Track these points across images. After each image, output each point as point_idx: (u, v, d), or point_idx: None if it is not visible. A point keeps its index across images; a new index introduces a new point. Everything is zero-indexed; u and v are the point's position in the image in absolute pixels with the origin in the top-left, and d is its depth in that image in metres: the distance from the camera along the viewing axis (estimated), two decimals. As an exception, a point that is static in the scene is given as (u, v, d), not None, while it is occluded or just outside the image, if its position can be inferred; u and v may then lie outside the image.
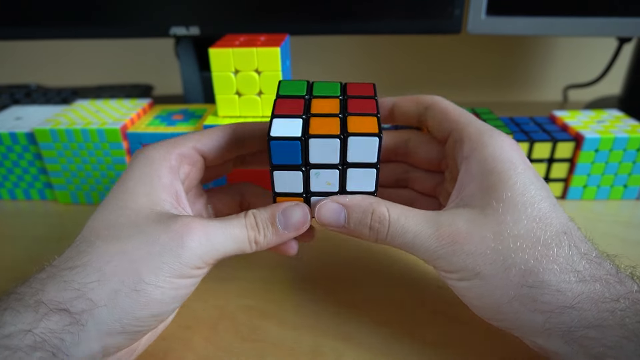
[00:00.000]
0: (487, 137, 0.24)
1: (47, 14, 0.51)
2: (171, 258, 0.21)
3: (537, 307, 0.20)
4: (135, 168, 0.24)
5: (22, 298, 0.19)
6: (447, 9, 0.48)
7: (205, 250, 0.22)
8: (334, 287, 0.30)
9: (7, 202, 0.43)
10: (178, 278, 0.21)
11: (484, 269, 0.21)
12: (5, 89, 0.62)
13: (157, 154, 0.24)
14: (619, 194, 0.40)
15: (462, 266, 0.21)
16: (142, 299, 0.20)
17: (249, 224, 0.23)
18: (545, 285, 0.20)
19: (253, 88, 0.35)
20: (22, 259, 0.34)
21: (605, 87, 0.65)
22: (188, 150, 0.25)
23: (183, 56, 0.57)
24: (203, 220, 0.22)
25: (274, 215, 0.24)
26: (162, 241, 0.21)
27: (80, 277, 0.20)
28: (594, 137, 0.37)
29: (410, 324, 0.27)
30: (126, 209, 0.22)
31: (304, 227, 0.24)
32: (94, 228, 0.22)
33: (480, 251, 0.21)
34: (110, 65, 0.79)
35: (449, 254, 0.22)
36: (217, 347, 0.26)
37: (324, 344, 0.26)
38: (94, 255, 0.21)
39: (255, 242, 0.24)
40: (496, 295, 0.21)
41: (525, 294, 0.20)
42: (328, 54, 0.75)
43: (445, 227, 0.22)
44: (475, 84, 0.76)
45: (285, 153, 0.22)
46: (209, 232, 0.22)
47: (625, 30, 0.48)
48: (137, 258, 0.21)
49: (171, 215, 0.22)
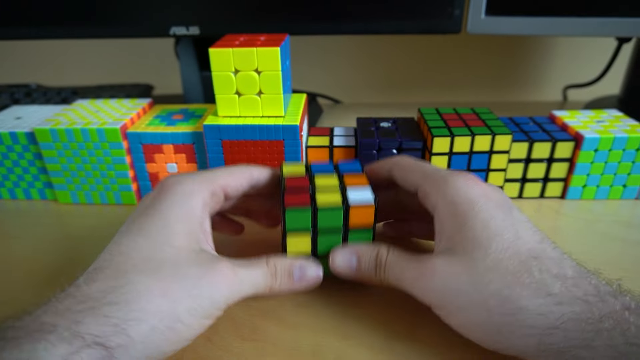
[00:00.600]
0: (444, 184, 0.26)
1: (47, 14, 0.51)
2: (206, 302, 0.23)
3: (525, 332, 0.21)
4: (175, 200, 0.25)
5: (56, 330, 0.19)
6: (447, 9, 0.48)
7: (233, 295, 0.24)
8: (334, 287, 0.30)
9: (7, 202, 0.43)
10: (206, 319, 0.23)
11: (464, 303, 0.22)
12: (5, 88, 0.62)
13: (195, 188, 0.26)
14: (618, 193, 0.40)
15: (445, 301, 0.23)
16: (173, 337, 0.22)
17: (269, 272, 0.26)
18: (524, 311, 0.21)
19: (253, 88, 0.35)
20: (23, 259, 0.34)
21: (604, 87, 0.65)
22: (218, 189, 0.27)
23: (183, 56, 0.57)
24: (234, 267, 0.24)
25: (292, 267, 0.26)
26: (201, 285, 0.23)
27: (122, 314, 0.20)
28: (594, 137, 0.37)
29: (410, 324, 0.27)
30: (167, 246, 0.23)
31: (315, 283, 0.27)
32: (132, 258, 0.23)
33: (456, 286, 0.23)
34: (110, 65, 0.79)
35: (429, 290, 0.24)
36: (217, 347, 0.26)
37: (324, 344, 0.26)
38: (136, 292, 0.21)
39: (269, 289, 0.26)
40: (485, 326, 0.22)
41: (510, 321, 0.21)
42: (328, 54, 0.75)
43: (425, 262, 0.24)
44: (475, 84, 0.76)
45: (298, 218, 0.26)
46: (239, 280, 0.24)
47: (625, 30, 0.48)
48: (177, 299, 0.22)
49: (207, 257, 0.24)
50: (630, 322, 0.19)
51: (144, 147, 0.38)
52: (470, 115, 0.40)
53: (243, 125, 0.35)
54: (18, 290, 0.31)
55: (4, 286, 0.31)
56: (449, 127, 0.37)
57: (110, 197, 0.41)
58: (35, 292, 0.22)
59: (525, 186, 0.40)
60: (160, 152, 0.38)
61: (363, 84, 0.77)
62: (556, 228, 0.36)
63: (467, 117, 0.39)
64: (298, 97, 0.41)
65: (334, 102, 0.70)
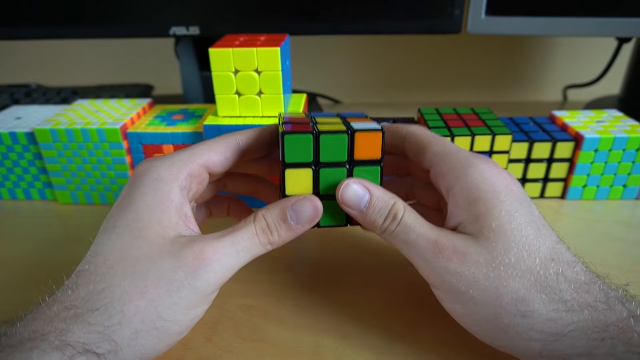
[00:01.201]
0: (468, 166, 0.24)
1: (47, 14, 0.51)
2: (188, 292, 0.21)
3: (531, 336, 0.20)
4: (145, 190, 0.23)
5: (47, 338, 0.19)
6: (447, 9, 0.48)
7: (220, 275, 0.22)
8: (334, 287, 0.30)
9: (7, 202, 0.43)
10: (194, 308, 0.22)
11: (477, 294, 0.21)
12: (5, 88, 0.62)
13: (168, 174, 0.24)
14: (618, 193, 0.40)
15: (456, 288, 0.22)
16: (161, 336, 0.21)
17: (259, 228, 0.23)
18: (536, 314, 0.20)
19: (253, 88, 0.35)
20: (23, 259, 0.34)
21: (604, 87, 0.65)
22: (197, 169, 0.25)
23: (183, 56, 0.57)
24: (214, 242, 0.22)
25: (284, 211, 0.24)
26: (178, 278, 0.21)
27: (103, 319, 0.20)
28: (594, 137, 0.37)
29: (410, 323, 0.27)
30: (139, 239, 0.22)
31: (316, 219, 0.24)
32: (108, 259, 0.22)
33: (473, 277, 0.21)
34: (110, 65, 0.79)
35: (444, 270, 0.22)
36: (217, 347, 0.26)
37: (324, 344, 0.26)
38: (115, 295, 0.21)
39: (269, 244, 0.24)
40: (491, 323, 0.21)
41: (519, 322, 0.21)
42: (328, 54, 0.75)
43: (445, 238, 0.22)
44: (475, 84, 0.76)
45: (298, 149, 0.24)
46: (221, 257, 0.22)
47: (625, 30, 0.48)
48: (155, 297, 0.21)
49: (182, 242, 0.22)
50: (635, 330, 0.19)
51: (144, 147, 0.38)
52: (470, 115, 0.40)
53: (243, 126, 0.35)
54: (18, 291, 0.31)
55: (3, 286, 0.31)
56: (449, 127, 0.37)
57: (110, 197, 0.41)
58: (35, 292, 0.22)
59: (525, 186, 0.40)
60: (160, 152, 0.38)
61: (363, 84, 0.77)
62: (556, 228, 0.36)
63: (467, 117, 0.39)
64: (298, 97, 0.41)
65: (334, 102, 0.70)
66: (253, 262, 0.33)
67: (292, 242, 0.35)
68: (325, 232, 0.36)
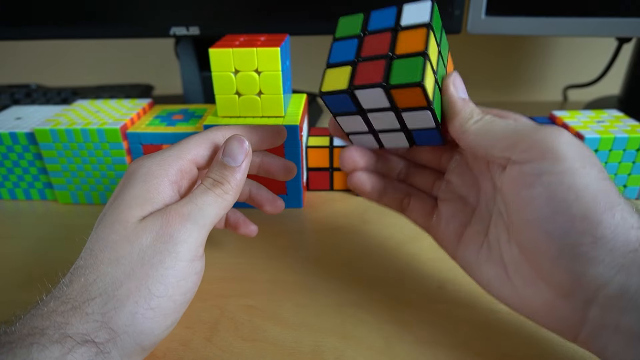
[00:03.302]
0: None
1: (48, 14, 0.51)
2: (171, 261, 0.22)
3: (634, 224, 0.19)
4: (134, 184, 0.24)
5: (46, 333, 0.19)
6: (447, 9, 0.48)
7: (195, 236, 0.23)
8: (334, 287, 0.30)
9: (7, 202, 0.43)
10: (182, 280, 0.22)
11: (590, 169, 0.20)
12: (5, 89, 0.62)
13: (158, 168, 0.24)
14: (618, 194, 0.40)
15: (573, 153, 0.20)
16: (157, 317, 0.21)
17: (210, 184, 0.24)
18: (635, 205, 0.20)
19: (253, 88, 0.35)
20: (23, 259, 0.34)
21: (605, 87, 0.65)
22: (187, 164, 0.25)
23: (183, 56, 0.57)
24: (178, 208, 0.23)
25: (219, 160, 0.25)
26: (158, 249, 0.22)
27: (99, 307, 0.20)
28: (594, 137, 0.37)
29: (411, 323, 0.27)
30: (117, 224, 0.22)
31: (247, 150, 0.25)
32: (93, 250, 0.22)
33: (586, 154, 0.20)
34: (110, 65, 0.79)
35: (560, 135, 0.21)
36: (217, 347, 0.26)
37: (324, 344, 0.26)
38: (106, 283, 0.21)
39: (226, 193, 0.24)
40: (599, 199, 0.19)
41: (624, 205, 0.19)
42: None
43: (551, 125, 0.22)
44: (475, 84, 0.76)
45: (339, 104, 0.24)
46: (189, 216, 0.23)
47: (625, 30, 0.48)
48: (143, 275, 0.21)
49: (155, 215, 0.23)
50: None
51: (144, 147, 0.38)
52: (470, 115, 0.39)
53: (243, 126, 0.35)
54: (18, 290, 0.31)
55: (3, 286, 0.31)
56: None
57: (110, 197, 0.41)
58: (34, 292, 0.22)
59: (525, 186, 0.40)
60: (160, 152, 0.38)
61: (363, 84, 0.77)
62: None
63: (467, 117, 0.39)
64: (298, 97, 0.41)
65: (334, 102, 0.70)
66: (253, 262, 0.33)
67: (292, 242, 0.35)
68: (325, 232, 0.36)
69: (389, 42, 0.24)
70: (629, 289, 0.18)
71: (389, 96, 0.23)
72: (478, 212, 0.26)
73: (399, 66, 0.23)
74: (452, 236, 0.26)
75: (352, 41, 0.25)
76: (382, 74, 0.23)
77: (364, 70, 0.23)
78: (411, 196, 0.29)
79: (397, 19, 0.25)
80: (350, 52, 0.25)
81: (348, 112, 0.25)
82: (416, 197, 0.29)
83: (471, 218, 0.26)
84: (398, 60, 0.23)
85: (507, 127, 0.22)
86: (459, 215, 0.26)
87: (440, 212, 0.27)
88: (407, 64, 0.22)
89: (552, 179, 0.20)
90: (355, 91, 0.23)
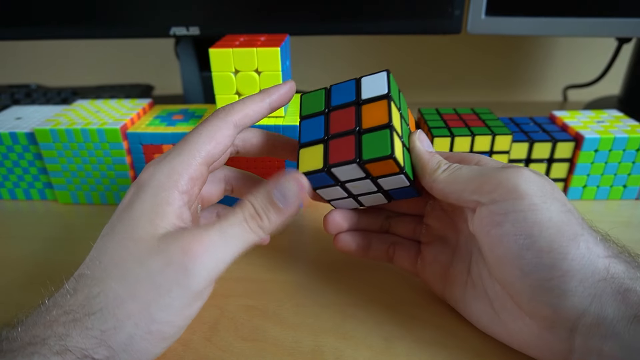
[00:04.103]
0: None
1: (47, 14, 0.51)
2: (180, 292, 0.21)
3: (600, 253, 0.20)
4: (145, 197, 0.23)
5: (47, 343, 0.19)
6: (447, 9, 0.48)
7: (211, 269, 0.21)
8: (334, 287, 0.30)
9: (7, 202, 0.43)
10: (187, 307, 0.22)
11: (551, 204, 0.21)
12: (5, 89, 0.62)
13: (167, 180, 0.23)
14: (618, 194, 0.40)
15: (532, 190, 0.21)
16: (155, 340, 0.21)
17: (248, 215, 0.23)
18: (601, 232, 0.22)
19: (253, 88, 0.35)
20: (23, 259, 0.34)
21: (604, 87, 0.65)
22: (198, 169, 0.24)
23: (183, 56, 0.57)
24: (200, 235, 0.22)
25: (270, 194, 0.23)
26: (167, 278, 0.21)
27: (99, 324, 0.20)
28: (594, 137, 0.37)
29: (411, 323, 0.27)
30: (129, 240, 0.22)
31: (302, 195, 0.24)
32: (101, 262, 0.22)
33: (546, 189, 0.22)
34: (110, 65, 0.79)
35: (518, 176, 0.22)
36: (217, 347, 0.26)
37: (324, 344, 0.26)
38: (108, 299, 0.20)
39: (260, 229, 0.23)
40: (563, 232, 0.21)
41: (588, 235, 0.21)
42: (328, 54, 0.75)
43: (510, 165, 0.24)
44: (475, 84, 0.76)
45: (319, 180, 0.25)
46: (210, 249, 0.21)
47: (625, 30, 0.48)
48: (147, 300, 0.20)
49: (170, 239, 0.21)
50: None
51: (144, 147, 0.38)
52: (470, 115, 0.40)
53: (243, 126, 0.35)
54: (18, 291, 0.31)
55: (3, 286, 0.31)
56: (449, 128, 0.37)
57: (110, 197, 0.41)
58: (35, 293, 0.22)
59: (525, 186, 0.40)
60: (161, 153, 0.38)
61: (363, 84, 0.77)
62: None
63: (467, 118, 0.39)
64: (298, 98, 0.41)
65: (334, 102, 0.70)
66: (253, 262, 0.33)
67: (292, 242, 0.35)
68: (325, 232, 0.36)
69: (354, 116, 0.25)
70: (605, 318, 0.19)
71: (364, 169, 0.24)
72: (458, 252, 0.27)
73: (368, 140, 0.24)
74: (438, 277, 0.28)
75: (318, 118, 0.27)
76: (354, 150, 0.24)
77: (336, 147, 0.25)
78: (396, 245, 0.29)
79: (357, 92, 0.27)
80: (319, 129, 0.26)
81: (327, 185, 0.26)
82: (400, 245, 0.29)
83: (452, 258, 0.27)
84: (366, 134, 0.24)
85: (472, 172, 0.24)
86: (441, 257, 0.28)
87: (423, 255, 0.28)
88: (375, 137, 0.24)
89: (517, 217, 0.21)
90: (332, 169, 0.24)
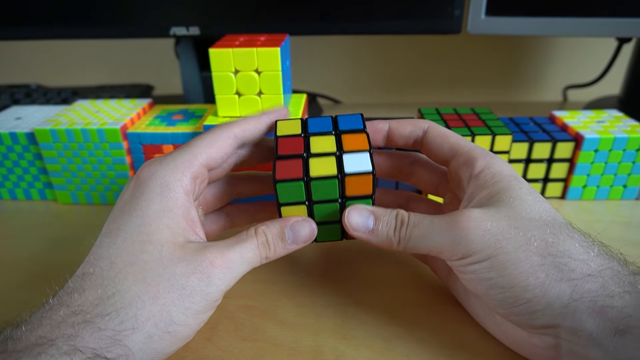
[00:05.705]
0: (491, 157, 0.26)
1: (47, 14, 0.51)
2: (200, 298, 0.22)
3: (563, 276, 0.21)
4: (151, 197, 0.23)
5: (55, 344, 0.19)
6: (447, 9, 0.48)
7: (227, 282, 0.23)
8: (334, 287, 0.30)
9: (7, 202, 0.43)
10: (203, 313, 0.23)
11: (505, 244, 0.22)
12: (5, 89, 0.62)
13: (172, 179, 0.24)
14: (618, 194, 0.40)
15: (481, 244, 0.22)
16: (172, 339, 0.22)
17: (260, 243, 0.25)
18: (568, 254, 0.21)
19: (253, 88, 0.35)
20: (23, 259, 0.34)
21: (605, 87, 0.65)
22: (199, 169, 0.25)
23: (183, 56, 0.57)
24: (223, 251, 0.23)
25: (283, 230, 0.25)
26: (191, 283, 0.22)
27: (114, 324, 0.20)
28: (594, 137, 0.37)
29: (410, 323, 0.27)
30: (149, 244, 0.22)
31: (310, 240, 0.26)
32: (115, 263, 0.22)
33: (498, 229, 0.22)
34: (110, 65, 0.79)
35: (466, 234, 0.23)
36: (217, 347, 0.26)
37: (324, 344, 0.26)
38: (126, 300, 0.21)
39: (266, 258, 0.25)
40: (520, 269, 0.21)
41: (550, 263, 0.21)
42: (328, 54, 0.75)
43: (459, 216, 0.23)
44: (475, 84, 0.76)
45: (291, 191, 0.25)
46: (230, 265, 0.23)
47: (625, 30, 0.48)
48: (168, 302, 0.21)
49: (194, 249, 0.23)
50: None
51: (144, 147, 0.38)
52: (470, 115, 0.40)
53: (243, 126, 0.35)
54: (18, 291, 0.31)
55: (3, 286, 0.31)
56: (449, 128, 0.37)
57: (110, 197, 0.41)
58: (35, 292, 0.22)
59: (525, 186, 0.40)
60: (161, 153, 0.38)
61: (363, 84, 0.77)
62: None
63: (467, 117, 0.39)
64: (298, 98, 0.41)
65: (334, 102, 0.70)
66: (253, 262, 0.33)
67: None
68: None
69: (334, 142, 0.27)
70: (584, 331, 0.20)
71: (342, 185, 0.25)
72: None
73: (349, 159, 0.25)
74: (444, 268, 0.29)
75: (297, 139, 0.27)
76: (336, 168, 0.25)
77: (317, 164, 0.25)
78: None
79: (335, 125, 0.28)
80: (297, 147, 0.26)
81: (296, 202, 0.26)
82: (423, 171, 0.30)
83: None
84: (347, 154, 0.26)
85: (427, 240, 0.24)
86: None
87: None
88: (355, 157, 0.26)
89: (475, 268, 0.23)
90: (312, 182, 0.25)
